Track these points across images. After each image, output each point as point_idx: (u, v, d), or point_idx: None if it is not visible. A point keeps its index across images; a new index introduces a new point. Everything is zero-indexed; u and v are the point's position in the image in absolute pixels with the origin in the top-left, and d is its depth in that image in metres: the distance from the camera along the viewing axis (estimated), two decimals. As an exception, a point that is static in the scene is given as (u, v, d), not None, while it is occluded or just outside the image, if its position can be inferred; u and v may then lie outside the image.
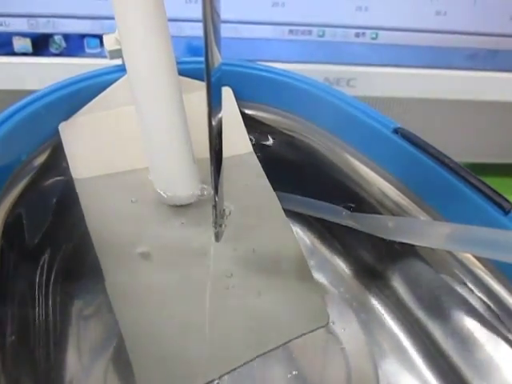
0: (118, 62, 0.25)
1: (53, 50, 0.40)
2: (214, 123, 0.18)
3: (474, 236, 0.17)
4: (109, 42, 0.25)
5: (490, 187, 0.19)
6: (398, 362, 0.23)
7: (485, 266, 0.20)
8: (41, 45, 0.39)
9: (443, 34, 0.45)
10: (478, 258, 0.20)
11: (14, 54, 0.39)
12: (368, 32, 0.44)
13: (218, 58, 0.17)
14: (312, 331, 0.22)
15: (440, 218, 0.21)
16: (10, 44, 0.39)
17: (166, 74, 0.21)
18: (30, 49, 0.39)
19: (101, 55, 0.40)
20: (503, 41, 0.46)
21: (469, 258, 0.20)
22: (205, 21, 0.16)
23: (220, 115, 0.19)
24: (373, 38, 0.44)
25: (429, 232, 0.19)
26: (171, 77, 0.22)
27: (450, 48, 0.46)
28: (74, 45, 0.40)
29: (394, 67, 0.45)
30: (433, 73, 0.46)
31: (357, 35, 0.44)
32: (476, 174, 0.20)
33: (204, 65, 0.17)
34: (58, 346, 0.22)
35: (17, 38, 0.39)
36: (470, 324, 0.21)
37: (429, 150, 0.21)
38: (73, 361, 0.22)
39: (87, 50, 0.40)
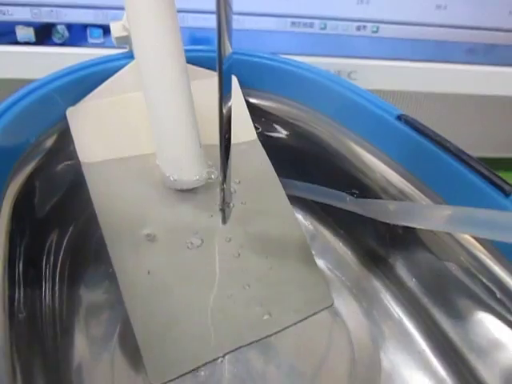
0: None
1: (56, 39, 0.40)
2: (224, 110, 0.19)
3: (474, 217, 0.18)
4: (116, 29, 0.25)
5: (490, 171, 0.19)
6: (401, 346, 0.24)
7: (485, 248, 0.20)
8: (44, 34, 0.39)
9: (443, 28, 0.45)
10: (479, 241, 0.20)
11: (16, 43, 0.39)
12: (369, 25, 0.44)
13: (228, 48, 0.18)
14: (316, 313, 0.23)
15: (443, 202, 0.21)
16: (13, 33, 0.39)
17: (174, 59, 0.22)
18: (32, 38, 0.39)
19: (104, 45, 0.40)
20: (502, 35, 0.46)
21: (469, 240, 0.20)
22: (218, 12, 0.16)
23: (230, 103, 0.19)
24: (374, 32, 0.44)
25: (429, 214, 0.19)
26: (180, 62, 0.22)
27: (450, 42, 0.46)
28: (77, 35, 0.40)
29: (394, 60, 0.45)
30: (432, 66, 0.46)
31: (358, 28, 0.44)
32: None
33: (216, 54, 0.17)
34: (66, 328, 0.22)
35: (20, 27, 0.39)
36: (472, 306, 0.21)
37: (431, 135, 0.21)
38: (80, 343, 0.22)
39: (90, 40, 0.40)
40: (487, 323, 0.21)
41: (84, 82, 0.24)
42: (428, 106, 0.47)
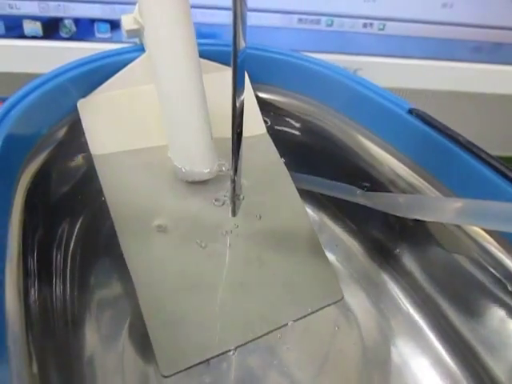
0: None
1: (63, 34, 0.40)
2: (237, 104, 0.19)
3: (485, 209, 0.18)
4: (127, 22, 0.25)
5: (502, 163, 0.19)
6: (410, 339, 0.24)
7: (496, 240, 0.20)
8: (51, 28, 0.40)
9: (449, 26, 0.45)
10: (489, 233, 0.20)
11: (24, 37, 0.39)
12: (375, 23, 0.44)
13: (243, 42, 0.18)
14: (326, 306, 0.23)
15: (452, 196, 0.22)
16: (21, 27, 0.39)
17: (187, 52, 0.22)
18: (40, 32, 0.39)
19: (111, 40, 0.40)
20: (508, 34, 0.46)
21: (480, 232, 0.21)
22: (234, 7, 0.16)
23: (242, 97, 0.19)
24: (380, 29, 0.45)
25: (440, 207, 0.19)
26: (193, 55, 0.22)
27: (456, 40, 0.46)
28: (84, 29, 0.40)
29: (400, 58, 0.46)
30: (438, 64, 0.46)
31: (364, 25, 0.44)
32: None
33: (231, 48, 0.18)
34: (76, 319, 0.22)
35: (27, 21, 0.39)
36: (482, 300, 0.21)
37: (443, 129, 0.21)
38: (90, 334, 0.22)
39: (97, 35, 0.40)
40: (498, 316, 0.21)
41: (95, 75, 0.24)
42: (434, 104, 0.47)
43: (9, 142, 0.19)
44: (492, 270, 0.20)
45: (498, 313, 0.21)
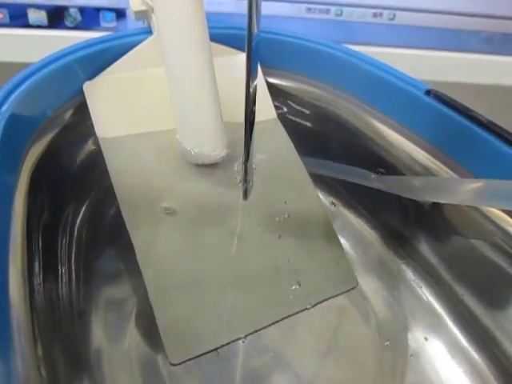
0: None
1: (68, 23, 0.39)
2: (250, 89, 0.18)
3: (505, 189, 0.17)
4: (135, 3, 0.25)
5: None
6: (428, 326, 0.23)
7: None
8: (56, 18, 0.39)
9: (460, 16, 0.45)
10: (510, 214, 0.19)
11: (28, 26, 0.39)
12: (385, 12, 0.43)
13: (257, 27, 0.17)
14: (341, 294, 0.22)
15: (472, 177, 0.21)
16: (25, 16, 0.39)
17: (198, 34, 0.22)
18: (45, 21, 0.39)
19: (117, 29, 0.40)
20: (520, 25, 0.45)
21: (502, 216, 0.20)
22: None
23: (256, 81, 0.19)
24: (390, 19, 0.44)
25: (457, 188, 0.19)
26: (203, 37, 0.22)
27: (466, 31, 0.45)
28: (90, 18, 0.39)
29: (409, 48, 0.45)
30: (448, 55, 0.45)
31: (374, 15, 0.43)
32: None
33: (246, 32, 0.17)
34: (82, 307, 0.22)
35: (32, 10, 0.38)
36: (503, 286, 0.20)
37: (463, 109, 0.20)
38: (97, 323, 0.22)
39: (102, 24, 0.40)
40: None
41: (101, 57, 0.24)
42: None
43: (12, 122, 0.19)
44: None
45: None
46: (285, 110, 0.27)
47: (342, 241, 0.26)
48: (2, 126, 0.18)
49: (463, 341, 0.22)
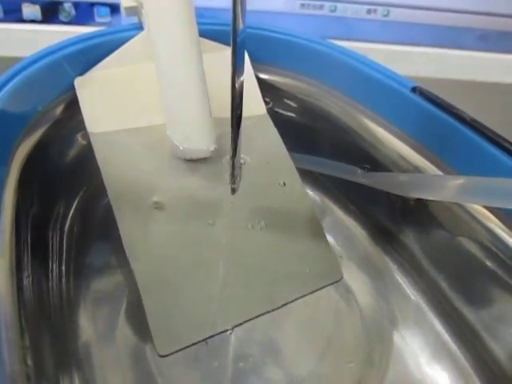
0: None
1: (62, 18, 0.40)
2: (236, 84, 0.19)
3: (487, 186, 0.17)
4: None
5: (507, 140, 0.19)
6: (412, 321, 0.24)
7: (500, 220, 0.20)
8: (50, 12, 0.39)
9: (454, 13, 0.45)
10: (494, 213, 0.20)
11: (22, 21, 0.39)
12: (379, 8, 0.44)
13: (242, 22, 0.18)
14: (326, 287, 0.22)
15: (456, 174, 0.21)
16: (19, 11, 0.39)
17: (187, 30, 0.22)
18: (39, 16, 0.39)
19: (111, 24, 0.40)
20: (514, 22, 0.46)
21: (483, 212, 0.20)
22: None
23: (242, 77, 0.19)
24: (384, 15, 0.44)
25: (441, 185, 0.19)
26: (192, 33, 0.22)
27: (461, 28, 0.45)
28: (84, 13, 0.40)
29: (404, 45, 0.45)
30: (443, 52, 0.45)
31: (368, 11, 0.43)
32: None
33: (231, 28, 0.17)
34: (72, 300, 0.22)
35: (26, 4, 0.39)
36: (486, 282, 0.21)
37: (447, 107, 0.21)
38: (86, 316, 0.22)
39: (97, 19, 0.40)
40: (501, 299, 0.20)
41: (92, 52, 0.24)
42: (436, 92, 0.46)
43: (2, 117, 0.19)
44: (496, 251, 0.20)
45: (501, 295, 0.20)
46: (273, 104, 0.27)
47: (329, 236, 0.27)
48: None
49: (446, 336, 0.23)
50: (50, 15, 0.39)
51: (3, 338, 0.13)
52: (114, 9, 0.40)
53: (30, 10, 0.39)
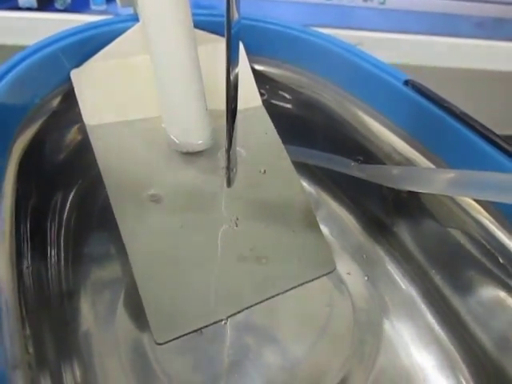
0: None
1: (58, 5, 0.39)
2: (231, 76, 0.19)
3: (477, 180, 0.18)
4: (120, -11, 0.25)
5: (496, 134, 0.19)
6: (403, 311, 0.24)
7: (489, 212, 0.20)
8: (46, 0, 0.39)
9: (450, 1, 0.45)
10: (483, 206, 0.20)
11: (18, 8, 0.39)
12: (376, -4, 0.44)
13: (236, 13, 0.18)
14: (319, 277, 0.23)
15: (446, 167, 0.22)
16: (15, -2, 0.38)
17: (181, 22, 0.22)
18: (34, 4, 0.39)
19: (106, 12, 0.40)
20: (510, 10, 0.46)
21: (473, 205, 0.21)
22: None
23: (237, 69, 0.19)
24: (381, 3, 0.44)
25: (432, 178, 0.19)
26: (186, 25, 0.22)
27: (458, 15, 0.45)
28: (80, 1, 0.39)
29: (400, 33, 0.45)
30: (440, 40, 0.45)
31: (365, 0, 0.43)
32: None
33: (225, 19, 0.17)
34: (71, 290, 0.23)
35: (22, -8, 0.38)
36: (475, 273, 0.21)
37: (438, 100, 0.21)
38: (85, 305, 0.23)
39: (92, 7, 0.40)
40: (488, 288, 0.21)
41: (88, 44, 0.24)
42: (432, 79, 0.46)
43: (0, 110, 0.19)
44: (485, 242, 0.20)
45: (488, 285, 0.21)
46: (269, 96, 0.28)
47: (324, 227, 0.27)
48: (-9, 114, 0.18)
49: (435, 324, 0.24)
50: (45, 3, 0.39)
51: (5, 328, 0.14)
52: (110, -3, 0.40)
53: (26, -2, 0.39)
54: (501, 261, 0.20)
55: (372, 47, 0.44)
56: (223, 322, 0.21)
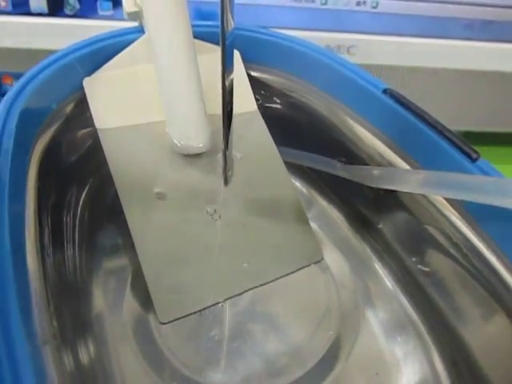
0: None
1: (67, 11, 0.42)
2: (226, 82, 0.21)
3: (444, 180, 0.20)
4: (128, 5, 0.27)
5: (461, 139, 0.22)
6: (384, 303, 0.27)
7: (456, 209, 0.23)
8: (56, 6, 0.41)
9: (441, 4, 0.46)
10: (451, 203, 0.23)
11: (30, 14, 0.41)
12: (369, 1, 0.45)
13: (231, 23, 0.20)
14: (308, 265, 0.26)
15: (419, 168, 0.24)
16: (27, 4, 0.41)
17: (182, 34, 0.24)
18: (45, 9, 0.41)
19: (113, 18, 0.42)
20: (499, 12, 0.47)
21: (443, 203, 0.23)
22: None
23: (232, 75, 0.21)
24: (373, 7, 0.46)
25: (406, 178, 0.22)
26: (187, 37, 0.24)
27: (448, 18, 0.47)
28: (88, 7, 0.42)
29: (393, 36, 0.47)
30: (431, 42, 0.47)
31: (358, 4, 0.45)
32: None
33: (220, 30, 0.19)
34: (85, 275, 0.25)
35: (33, -2, 0.41)
36: (450, 268, 0.24)
37: (413, 108, 0.23)
38: (97, 290, 0.25)
39: (100, 13, 0.42)
40: (458, 280, 0.23)
41: (99, 54, 0.26)
42: (425, 81, 0.48)
43: (24, 115, 0.21)
44: (455, 240, 0.23)
45: (458, 276, 0.23)
46: (263, 101, 0.30)
47: (314, 223, 0.30)
48: (16, 121, 0.21)
49: (411, 310, 0.26)
50: (55, 8, 0.41)
51: (34, 304, 0.17)
52: (116, 2, 0.42)
53: (37, 4, 0.41)
54: (464, 251, 0.22)
55: (365, 50, 0.46)
56: (220, 304, 0.24)
